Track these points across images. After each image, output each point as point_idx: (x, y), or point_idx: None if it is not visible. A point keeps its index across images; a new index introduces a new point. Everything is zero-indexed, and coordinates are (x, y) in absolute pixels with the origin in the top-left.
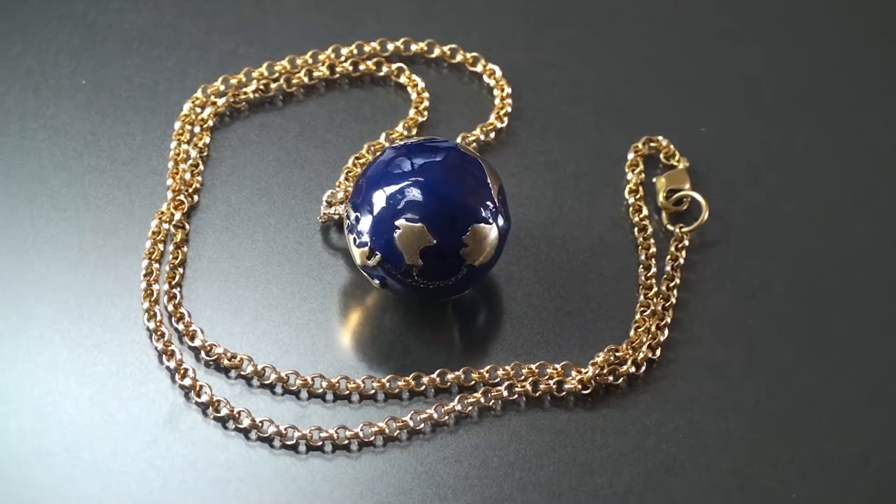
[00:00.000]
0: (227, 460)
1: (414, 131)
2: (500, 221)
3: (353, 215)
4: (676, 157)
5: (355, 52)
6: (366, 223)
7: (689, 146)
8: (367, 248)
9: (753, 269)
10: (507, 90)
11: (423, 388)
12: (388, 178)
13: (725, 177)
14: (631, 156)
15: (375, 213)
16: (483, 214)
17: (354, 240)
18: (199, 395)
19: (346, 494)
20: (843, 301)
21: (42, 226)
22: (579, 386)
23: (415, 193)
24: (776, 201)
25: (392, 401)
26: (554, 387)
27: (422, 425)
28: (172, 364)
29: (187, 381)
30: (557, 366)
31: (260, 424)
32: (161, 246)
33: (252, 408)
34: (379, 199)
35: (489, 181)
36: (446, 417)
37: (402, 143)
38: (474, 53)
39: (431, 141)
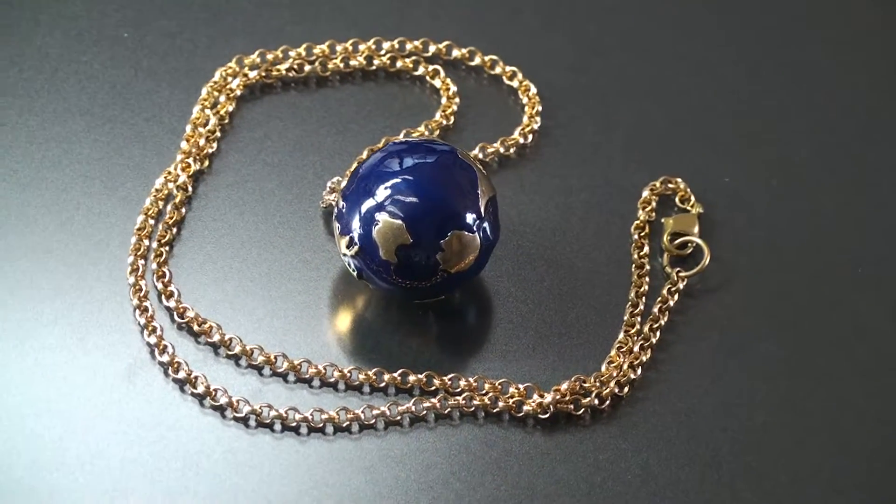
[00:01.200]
0: (176, 422)
1: (436, 134)
2: (485, 233)
3: (342, 203)
4: (691, 202)
5: (396, 47)
6: (350, 212)
7: (710, 193)
8: (348, 237)
9: (744, 326)
10: (538, 108)
11: (384, 384)
12: (380, 171)
13: (739, 230)
14: (646, 193)
15: (361, 203)
16: (466, 222)
17: (339, 227)
18: (161, 354)
19: (279, 473)
20: (827, 378)
21: (52, 162)
22: (538, 409)
23: (401, 190)
24: (785, 266)
25: (351, 392)
26: (514, 406)
27: (374, 420)
28: (143, 320)
29: (153, 339)
30: (521, 386)
31: (213, 392)
32: (161, 204)
33: (212, 376)
34: (366, 190)
35: (480, 190)
36: (399, 417)
37: (403, 140)
38: (513, 67)
39: (431, 142)
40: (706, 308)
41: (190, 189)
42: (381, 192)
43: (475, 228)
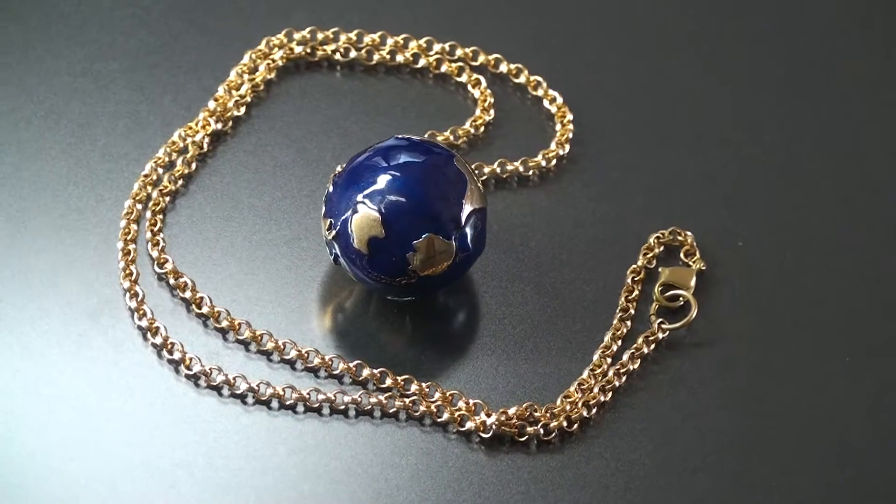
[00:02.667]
0: (129, 369)
1: (461, 141)
2: (463, 242)
3: (331, 188)
4: (695, 257)
5: (447, 50)
6: (337, 197)
7: (721, 252)
8: (329, 220)
9: (714, 391)
10: (569, 135)
11: (338, 371)
12: (373, 162)
13: (740, 295)
14: (651, 240)
15: (347, 190)
16: (444, 228)
17: (325, 210)
18: (131, 300)
19: (203, 433)
20: (781, 462)
21: (84, 93)
22: (481, 427)
23: (385, 183)
24: (773, 341)
25: (307, 374)
26: (458, 419)
27: (319, 405)
28: (122, 263)
29: (126, 283)
30: (470, 401)
31: (169, 343)
32: (174, 157)
33: (176, 330)
34: (355, 178)
35: (466, 200)
36: (343, 407)
37: (406, 137)
38: (556, 92)
39: (433, 145)
40: (683, 364)
41: (205, 147)
42: (367, 183)
43: (452, 236)
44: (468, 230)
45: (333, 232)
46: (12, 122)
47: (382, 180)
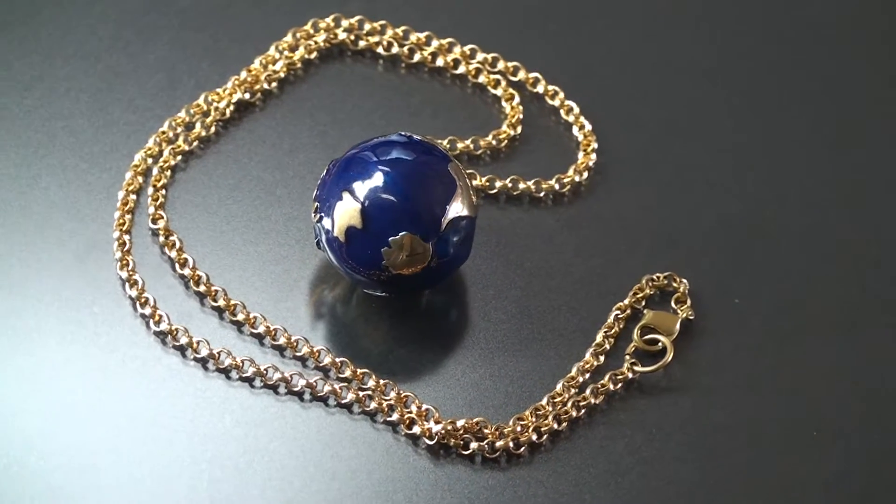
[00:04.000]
0: (100, 315)
1: (480, 152)
2: (443, 248)
3: (326, 173)
4: (685, 305)
5: (489, 61)
6: (329, 182)
7: (716, 303)
8: (317, 205)
9: (669, 442)
10: (590, 163)
11: (301, 354)
12: (368, 154)
13: (724, 351)
14: (644, 281)
15: (339, 177)
16: (423, 229)
17: (316, 193)
18: (117, 250)
19: (156, 390)
20: None
21: (119, 51)
22: (426, 433)
23: (373, 177)
24: (743, 405)
25: (273, 351)
26: (407, 421)
27: (275, 382)
28: (118, 213)
29: (116, 233)
30: (423, 406)
31: (143, 298)
32: (194, 118)
33: (155, 285)
34: (347, 167)
35: (452, 206)
36: (299, 389)
37: (407, 134)
38: (590, 138)
39: (432, 147)
40: (648, 408)
41: (227, 114)
42: (357, 174)
43: (431, 239)
44: (450, 236)
45: (318, 216)
46: (51, 58)
47: (372, 173)
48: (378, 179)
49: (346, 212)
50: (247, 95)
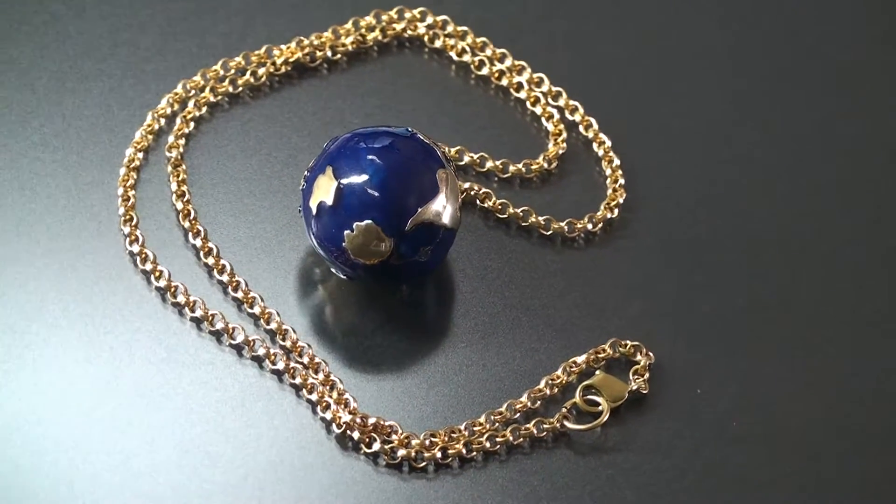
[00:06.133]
0: (93, 253)
1: (506, 175)
2: (406, 249)
3: (325, 145)
4: (641, 379)
5: (552, 92)
6: (323, 154)
7: (676, 385)
8: (307, 173)
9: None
10: (601, 215)
11: (273, 327)
12: (365, 139)
13: (657, 435)
14: (608, 344)
15: (329, 152)
16: (388, 223)
17: (311, 163)
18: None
19: (133, 326)
20: None
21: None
22: (336, 419)
23: (359, 160)
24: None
25: (249, 319)
26: (324, 404)
27: (216, 328)
28: (130, 150)
29: (122, 171)
30: (346, 394)
31: (134, 234)
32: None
33: (149, 227)
34: (342, 145)
35: (425, 210)
36: (237, 342)
37: (414, 130)
38: (615, 158)
39: (431, 148)
40: (567, 461)
41: (260, 75)
42: (347, 154)
43: (393, 236)
44: (417, 239)
45: (303, 185)
46: (69, 20)
47: (359, 157)
48: (362, 165)
49: (322, 187)
50: (283, 69)
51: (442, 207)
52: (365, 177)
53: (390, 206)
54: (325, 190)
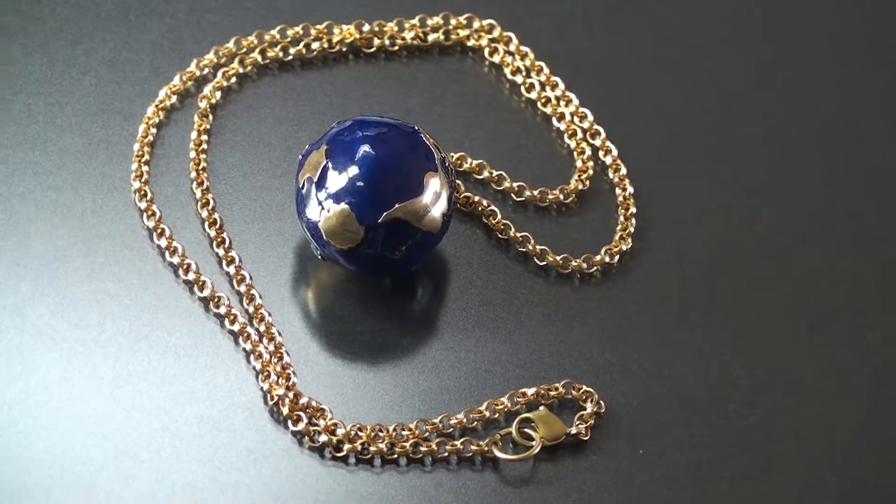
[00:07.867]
0: (103, 211)
1: (520, 199)
2: (375, 240)
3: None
4: (585, 425)
5: (592, 130)
6: (326, 133)
7: (620, 443)
8: (307, 148)
9: None
10: (605, 258)
11: (242, 290)
12: (366, 126)
13: (585, 483)
14: (561, 384)
15: (330, 132)
16: (363, 212)
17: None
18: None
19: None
20: None
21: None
22: (270, 390)
23: (353, 146)
24: None
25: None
26: (265, 374)
27: (208, 306)
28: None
29: (142, 127)
30: (290, 368)
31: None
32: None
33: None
34: (343, 128)
35: (402, 209)
36: (205, 295)
37: (419, 129)
38: (628, 185)
39: (431, 149)
40: (484, 489)
41: (313, 49)
42: (345, 137)
43: (366, 224)
44: (388, 235)
45: (300, 157)
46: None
47: (355, 143)
48: (354, 150)
49: (313, 163)
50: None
51: (422, 209)
52: (352, 162)
53: (369, 194)
54: (314, 166)
